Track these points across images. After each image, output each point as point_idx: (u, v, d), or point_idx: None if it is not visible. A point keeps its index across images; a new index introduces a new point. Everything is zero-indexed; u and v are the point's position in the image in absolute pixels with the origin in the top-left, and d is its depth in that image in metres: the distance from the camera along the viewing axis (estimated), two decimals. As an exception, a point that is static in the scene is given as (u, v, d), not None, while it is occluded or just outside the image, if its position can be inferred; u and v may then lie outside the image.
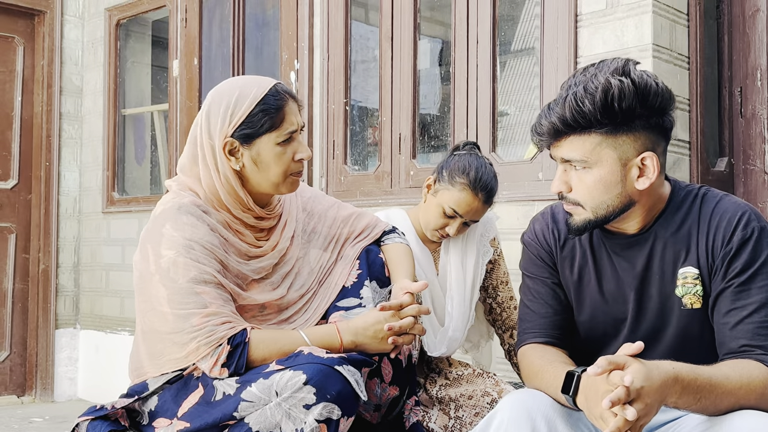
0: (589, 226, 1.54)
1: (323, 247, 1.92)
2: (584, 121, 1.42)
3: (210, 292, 1.63)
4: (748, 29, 2.82)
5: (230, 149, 1.73)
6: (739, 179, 2.82)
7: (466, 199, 2.08)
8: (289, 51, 3.69)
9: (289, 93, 1.77)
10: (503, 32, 3.39)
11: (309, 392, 1.49)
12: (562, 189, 1.52)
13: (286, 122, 1.74)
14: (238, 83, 1.77)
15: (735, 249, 1.47)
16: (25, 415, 4.28)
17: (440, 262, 2.23)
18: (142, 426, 1.71)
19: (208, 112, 1.75)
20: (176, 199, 1.74)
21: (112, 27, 4.71)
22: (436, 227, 2.14)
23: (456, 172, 2.09)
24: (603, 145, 1.45)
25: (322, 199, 2.01)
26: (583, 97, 1.41)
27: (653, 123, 1.46)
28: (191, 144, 1.79)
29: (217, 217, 1.74)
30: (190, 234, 1.66)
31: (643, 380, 1.24)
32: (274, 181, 1.76)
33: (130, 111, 4.80)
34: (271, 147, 1.73)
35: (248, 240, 1.79)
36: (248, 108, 1.71)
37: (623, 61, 1.45)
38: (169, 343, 1.64)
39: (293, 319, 1.81)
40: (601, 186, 1.47)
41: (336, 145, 3.50)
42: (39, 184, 4.74)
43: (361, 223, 1.99)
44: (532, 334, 1.65)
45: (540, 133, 1.50)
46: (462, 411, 2.08)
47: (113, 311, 4.62)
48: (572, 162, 1.47)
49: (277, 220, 1.86)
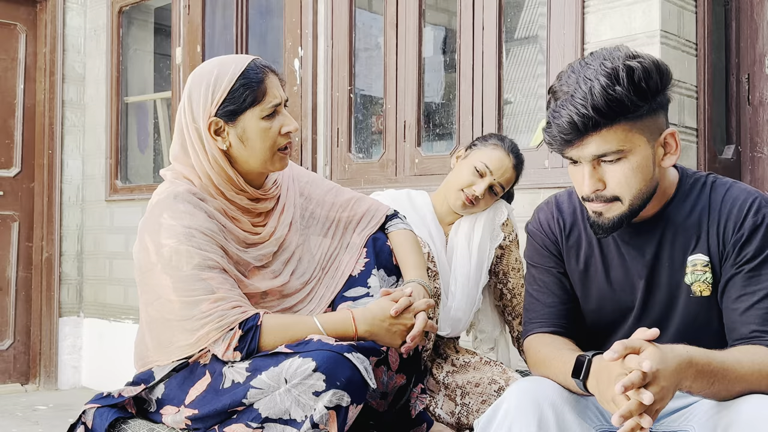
0: (624, 221, 1.48)
1: (323, 233, 1.90)
2: (618, 107, 1.38)
3: (216, 277, 1.62)
4: (755, 16, 2.80)
5: (215, 129, 1.71)
6: (746, 166, 2.81)
7: (499, 155, 2.18)
8: (293, 38, 3.67)
9: (269, 67, 1.76)
10: (508, 19, 3.37)
11: (318, 379, 1.49)
12: (597, 187, 1.46)
13: (269, 95, 1.72)
14: (215, 62, 1.76)
15: (746, 235, 1.46)
16: (29, 403, 4.29)
17: (449, 240, 2.24)
18: (150, 413, 1.71)
19: (190, 95, 1.74)
20: (171, 188, 1.72)
21: (114, 14, 4.69)
22: (464, 185, 2.17)
23: (490, 137, 2.25)
24: (633, 131, 1.41)
25: (320, 183, 1.99)
26: (610, 84, 1.36)
27: (665, 100, 1.46)
28: (178, 131, 1.77)
29: (214, 204, 1.73)
30: (188, 222, 1.65)
31: (658, 363, 1.23)
32: (262, 157, 1.73)
33: (132, 99, 4.79)
34: (256, 122, 1.71)
35: (245, 227, 1.77)
36: (229, 84, 1.69)
37: (625, 47, 1.44)
38: (179, 330, 1.63)
39: (297, 308, 1.80)
40: (639, 173, 1.44)
41: (340, 132, 3.49)
42: (42, 172, 4.73)
43: (361, 208, 1.97)
44: (538, 324, 1.65)
45: (564, 131, 1.41)
46: (469, 398, 2.08)
47: (117, 299, 4.62)
48: (606, 155, 1.42)
49: (274, 202, 1.84)
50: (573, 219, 1.66)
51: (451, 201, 2.20)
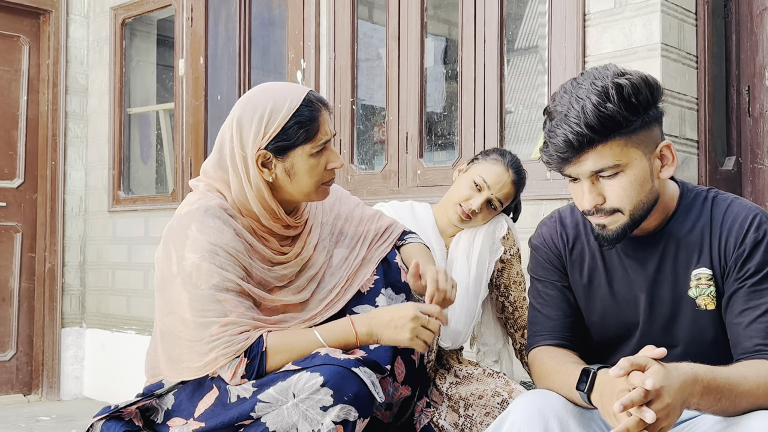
0: (627, 232, 1.51)
1: (350, 246, 1.90)
2: (611, 123, 1.41)
3: (231, 300, 1.62)
4: (755, 28, 2.82)
5: (263, 161, 1.70)
6: (747, 178, 2.82)
7: (497, 170, 2.17)
8: (296, 50, 3.69)
9: (322, 102, 1.75)
10: (509, 31, 3.39)
11: (326, 394, 1.50)
12: (597, 202, 1.49)
13: (321, 133, 1.72)
14: (271, 92, 1.73)
15: (748, 251, 1.48)
16: (32, 414, 4.29)
17: (449, 253, 2.25)
18: (157, 425, 1.72)
19: (240, 122, 1.70)
20: (203, 200, 1.71)
21: (117, 26, 4.71)
22: (462, 199, 2.17)
23: (492, 152, 2.25)
24: (629, 145, 1.45)
25: (347, 200, 2.00)
26: (601, 102, 1.41)
27: (658, 113, 1.49)
28: (218, 151, 1.75)
29: (243, 223, 1.72)
30: (215, 238, 1.64)
31: (662, 381, 1.24)
32: (306, 191, 1.74)
33: (135, 110, 4.80)
34: (305, 158, 1.71)
35: (273, 246, 1.77)
36: (283, 120, 1.68)
37: (613, 65, 1.48)
38: (188, 350, 1.63)
39: (316, 319, 1.78)
40: (638, 185, 1.47)
41: (343, 144, 3.51)
42: (45, 183, 4.75)
43: (384, 222, 1.99)
44: (542, 337, 1.66)
45: (560, 150, 1.45)
46: (472, 410, 2.08)
47: (119, 310, 4.63)
48: (603, 171, 1.46)
49: (303, 227, 1.84)
50: (576, 233, 1.68)
51: (450, 214, 2.21)
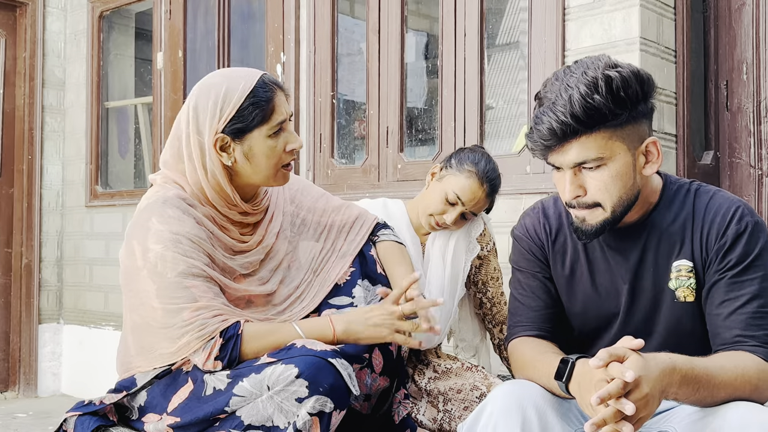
0: (606, 227, 1.51)
1: (314, 238, 1.90)
2: (597, 115, 1.40)
3: (199, 285, 1.62)
4: (734, 23, 2.84)
5: (221, 145, 1.70)
6: (725, 172, 2.84)
7: (471, 186, 2.11)
8: (275, 44, 3.67)
9: (277, 83, 1.75)
10: (489, 26, 3.38)
11: (301, 385, 1.49)
12: (578, 194, 1.48)
13: (276, 113, 1.72)
14: (224, 76, 1.74)
15: (729, 243, 1.49)
16: (9, 411, 4.24)
17: (425, 251, 2.23)
18: (131, 421, 1.70)
19: (196, 107, 1.71)
20: (161, 192, 1.71)
21: (95, 19, 4.66)
22: (435, 212, 2.13)
23: (466, 160, 2.15)
24: (613, 139, 1.43)
25: (310, 190, 1.99)
26: (589, 93, 1.39)
27: (648, 109, 1.48)
28: (175, 139, 1.75)
29: (203, 211, 1.72)
30: (176, 227, 1.64)
31: (640, 371, 1.24)
32: (265, 174, 1.74)
33: (113, 104, 4.76)
34: (263, 140, 1.71)
35: (233, 235, 1.77)
36: (238, 102, 1.68)
37: (606, 56, 1.46)
38: (161, 337, 1.62)
39: (286, 313, 1.80)
40: (619, 180, 1.46)
41: (323, 138, 3.49)
42: (21, 178, 4.69)
43: (353, 213, 1.98)
44: (522, 327, 1.66)
45: (544, 137, 1.44)
46: (451, 404, 2.08)
47: (97, 306, 4.58)
48: (586, 162, 1.44)
49: (263, 214, 1.84)
50: (559, 224, 1.67)
51: (422, 221, 2.18)
